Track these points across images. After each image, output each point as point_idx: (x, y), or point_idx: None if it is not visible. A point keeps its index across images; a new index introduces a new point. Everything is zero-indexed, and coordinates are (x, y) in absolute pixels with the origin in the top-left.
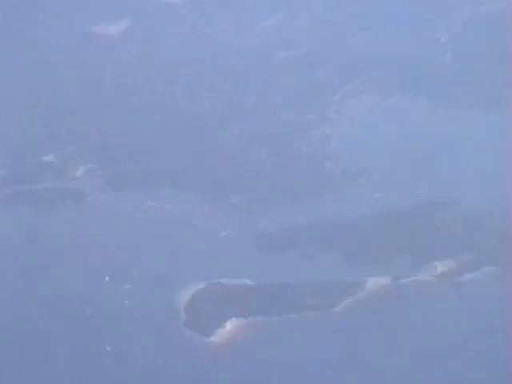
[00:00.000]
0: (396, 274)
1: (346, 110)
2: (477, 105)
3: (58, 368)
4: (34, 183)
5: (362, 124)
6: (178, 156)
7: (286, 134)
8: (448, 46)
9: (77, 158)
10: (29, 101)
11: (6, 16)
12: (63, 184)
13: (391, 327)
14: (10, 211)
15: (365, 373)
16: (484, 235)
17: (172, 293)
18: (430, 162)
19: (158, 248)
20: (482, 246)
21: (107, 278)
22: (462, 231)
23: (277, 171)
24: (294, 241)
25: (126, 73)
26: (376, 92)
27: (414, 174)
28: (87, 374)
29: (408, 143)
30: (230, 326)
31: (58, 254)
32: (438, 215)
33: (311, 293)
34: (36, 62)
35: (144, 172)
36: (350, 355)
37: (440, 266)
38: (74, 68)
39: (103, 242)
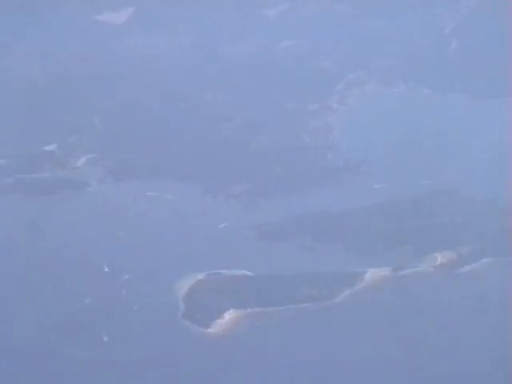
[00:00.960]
0: (396, 265)
1: (348, 100)
2: (480, 95)
3: (55, 357)
4: (35, 172)
5: (365, 114)
6: (179, 146)
7: (288, 123)
8: (452, 36)
9: (78, 147)
10: (31, 90)
11: (10, 7)
12: (64, 174)
13: (391, 318)
14: (10, 200)
15: (364, 363)
16: (484, 227)
17: (171, 284)
18: (432, 153)
19: (157, 238)
20: (482, 238)
21: (106, 269)
22: (463, 222)
23: (278, 161)
24: (293, 232)
25: (128, 62)
26: (379, 82)
27: (415, 165)
28: (84, 364)
29: (410, 134)
30: (229, 317)
31: (58, 243)
32: (438, 206)
33: (310, 284)
34: (39, 52)
35: (145, 162)
36: (349, 346)
37: (440, 257)
38: (77, 58)
39: (103, 231)
